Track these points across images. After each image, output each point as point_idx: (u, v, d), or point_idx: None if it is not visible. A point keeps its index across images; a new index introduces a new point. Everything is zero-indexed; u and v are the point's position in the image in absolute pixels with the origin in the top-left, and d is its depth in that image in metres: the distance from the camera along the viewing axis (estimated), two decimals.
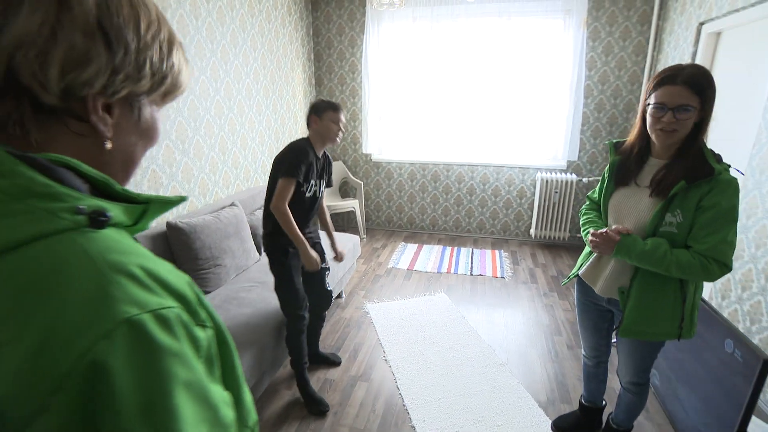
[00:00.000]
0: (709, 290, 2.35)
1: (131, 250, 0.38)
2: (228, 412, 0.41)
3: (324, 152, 1.99)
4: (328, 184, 2.08)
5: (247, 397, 0.50)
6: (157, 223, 2.21)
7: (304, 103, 4.16)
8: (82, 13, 0.36)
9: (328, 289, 2.17)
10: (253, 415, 0.50)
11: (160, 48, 0.44)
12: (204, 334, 0.41)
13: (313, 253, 1.85)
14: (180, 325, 0.37)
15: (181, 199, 0.46)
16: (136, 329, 0.33)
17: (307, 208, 1.93)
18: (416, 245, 4.10)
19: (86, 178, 0.39)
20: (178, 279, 0.40)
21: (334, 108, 1.86)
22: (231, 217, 2.54)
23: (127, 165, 0.47)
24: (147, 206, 0.44)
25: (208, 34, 2.67)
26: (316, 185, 1.94)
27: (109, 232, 0.38)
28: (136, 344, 0.32)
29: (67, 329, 0.31)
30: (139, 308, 0.33)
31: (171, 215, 2.39)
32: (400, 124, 4.25)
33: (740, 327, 2.07)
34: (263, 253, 2.85)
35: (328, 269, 2.17)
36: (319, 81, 4.36)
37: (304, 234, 1.93)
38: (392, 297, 3.06)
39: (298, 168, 1.77)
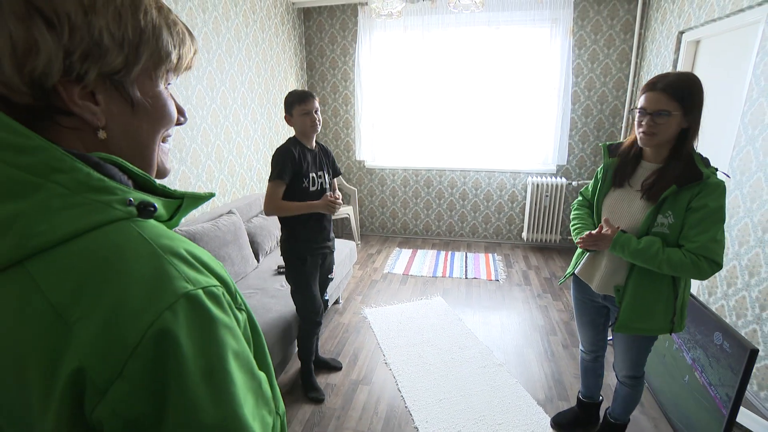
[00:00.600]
0: (696, 287, 2.43)
1: (176, 236, 0.41)
2: (267, 389, 0.45)
3: (318, 143, 1.99)
4: (335, 174, 2.07)
5: (276, 384, 0.53)
6: None
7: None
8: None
9: (326, 298, 2.23)
10: (281, 404, 0.52)
11: (119, 14, 0.38)
12: (241, 317, 0.44)
13: (323, 200, 1.82)
14: (226, 303, 0.40)
15: (210, 195, 0.49)
16: (193, 302, 0.36)
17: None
18: (411, 250, 4.15)
19: (129, 174, 0.42)
20: (217, 264, 0.44)
21: (300, 99, 1.81)
22: (229, 224, 2.55)
23: (141, 151, 0.45)
24: (181, 201, 0.47)
25: (204, 44, 2.70)
26: (319, 177, 1.92)
27: (154, 222, 0.42)
28: (195, 315, 0.36)
29: (134, 304, 0.34)
30: (193, 285, 0.37)
31: None
32: (392, 130, 4.31)
33: (727, 322, 2.15)
34: (262, 260, 2.87)
35: (332, 279, 2.21)
36: (312, 89, 4.40)
37: (321, 245, 1.95)
38: (389, 301, 3.09)
39: (282, 170, 1.78)
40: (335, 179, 2.11)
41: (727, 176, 1.47)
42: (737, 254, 2.11)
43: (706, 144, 2.55)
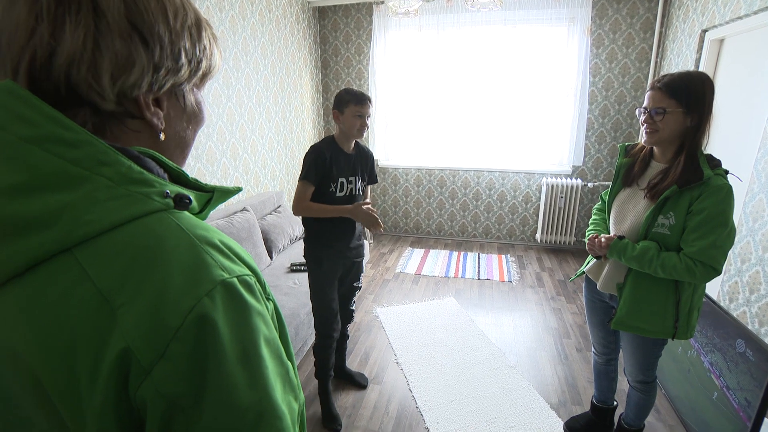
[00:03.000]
0: (716, 293, 2.37)
1: (210, 227, 0.43)
2: (294, 377, 0.46)
3: (358, 146, 1.87)
4: (371, 181, 1.96)
5: (297, 374, 0.54)
6: None
7: (312, 109, 4.22)
8: (114, 18, 0.38)
9: (351, 308, 2.08)
10: (301, 394, 0.53)
11: (191, 34, 0.44)
12: (270, 306, 0.46)
13: (356, 207, 1.72)
14: (257, 291, 0.42)
15: (238, 189, 0.51)
16: (230, 289, 0.38)
17: None
18: (423, 250, 4.13)
19: (164, 167, 0.44)
20: (247, 255, 0.45)
21: (357, 100, 1.71)
22: (243, 221, 2.58)
23: (183, 149, 0.50)
24: (212, 195, 0.49)
25: (221, 42, 2.73)
26: (350, 183, 1.82)
27: (189, 214, 0.44)
28: (231, 302, 0.38)
29: (175, 290, 0.36)
30: (229, 273, 0.39)
31: None
32: (406, 130, 4.30)
33: (749, 329, 2.08)
34: (275, 258, 2.89)
35: (359, 288, 2.06)
36: (326, 88, 4.42)
37: (342, 251, 1.85)
38: (401, 301, 3.08)
39: (311, 170, 1.72)
40: (369, 187, 1.96)
41: (739, 179, 1.44)
42: (761, 260, 2.05)
43: (728, 145, 2.48)
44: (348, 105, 1.72)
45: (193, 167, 2.53)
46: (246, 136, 3.08)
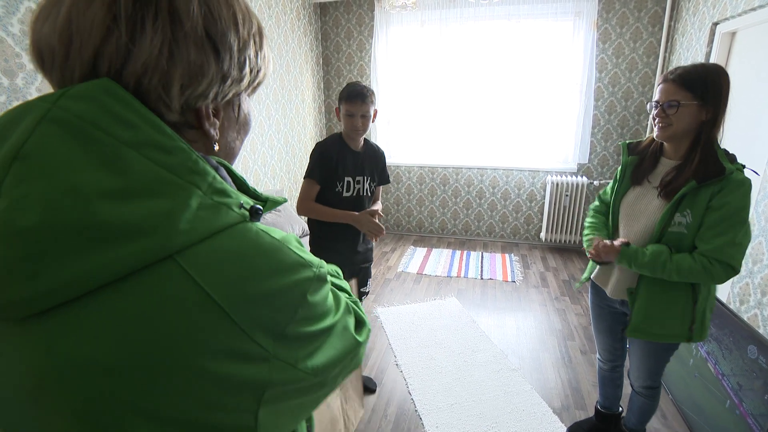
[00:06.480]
0: (726, 294, 2.30)
1: (279, 230, 0.44)
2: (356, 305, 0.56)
3: (368, 144, 1.80)
4: (381, 181, 1.88)
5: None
6: None
7: (313, 107, 4.18)
8: (191, 27, 0.38)
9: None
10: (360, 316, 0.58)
11: (255, 42, 0.44)
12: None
13: (364, 216, 1.66)
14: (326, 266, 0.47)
15: (284, 200, 0.52)
16: (321, 279, 0.44)
17: (350, 210, 1.72)
18: (425, 249, 4.08)
19: (232, 177, 0.45)
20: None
21: (348, 97, 1.63)
22: None
23: (229, 160, 0.50)
24: (265, 204, 0.48)
25: None
26: (357, 183, 1.75)
27: (260, 223, 0.45)
28: (323, 289, 0.44)
29: (283, 292, 0.39)
30: (317, 266, 0.43)
31: None
32: (409, 127, 4.25)
33: (761, 332, 2.02)
34: None
35: (367, 293, 2.00)
36: (327, 85, 4.37)
37: (351, 262, 1.78)
38: (402, 301, 3.04)
39: (315, 168, 1.67)
40: (380, 188, 1.90)
41: (757, 174, 1.36)
42: None
43: (740, 141, 2.40)
44: (341, 102, 1.65)
45: None
46: None
